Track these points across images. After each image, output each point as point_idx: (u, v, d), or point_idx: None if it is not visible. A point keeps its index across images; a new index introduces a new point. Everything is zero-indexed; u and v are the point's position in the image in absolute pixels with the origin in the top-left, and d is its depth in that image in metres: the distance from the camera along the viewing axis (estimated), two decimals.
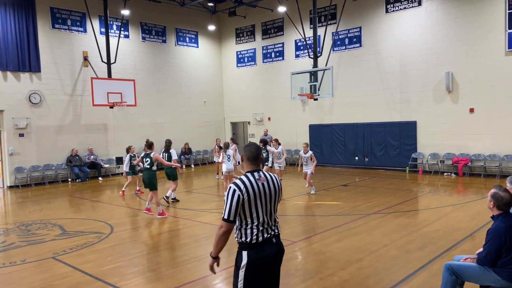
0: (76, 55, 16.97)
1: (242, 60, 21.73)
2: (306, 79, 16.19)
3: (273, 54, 20.37)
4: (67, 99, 16.72)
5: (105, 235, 8.16)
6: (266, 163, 12.82)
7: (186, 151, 20.33)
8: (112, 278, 5.78)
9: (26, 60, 15.45)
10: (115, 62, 17.05)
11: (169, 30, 20.28)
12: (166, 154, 11.10)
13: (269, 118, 20.74)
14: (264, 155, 12.52)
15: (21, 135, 15.50)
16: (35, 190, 14.87)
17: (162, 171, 12.72)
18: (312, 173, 11.79)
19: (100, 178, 16.88)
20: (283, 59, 19.95)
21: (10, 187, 15.33)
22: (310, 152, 11.85)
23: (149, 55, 19.49)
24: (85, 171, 16.64)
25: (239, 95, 21.94)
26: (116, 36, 17.62)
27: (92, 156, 17.06)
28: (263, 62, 20.76)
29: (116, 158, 18.08)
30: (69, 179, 16.52)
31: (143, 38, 19.29)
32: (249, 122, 21.77)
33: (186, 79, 20.90)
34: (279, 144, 13.16)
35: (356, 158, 17.58)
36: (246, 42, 21.43)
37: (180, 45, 20.76)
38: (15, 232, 8.65)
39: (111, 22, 17.81)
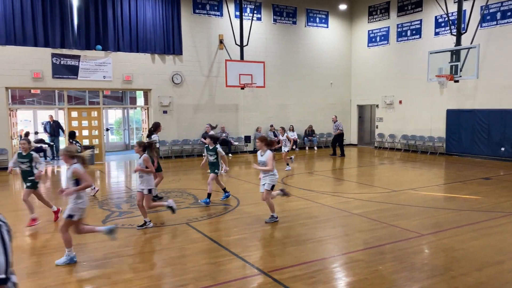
0: (213, 38, 18.13)
1: (373, 40, 20.68)
2: (446, 59, 14.70)
3: (408, 32, 18.91)
4: (204, 80, 18.05)
5: (232, 207, 8.68)
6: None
7: (309, 133, 20.37)
8: (236, 248, 6.12)
9: (171, 43, 17.07)
10: (247, 44, 17.77)
11: (299, 11, 20.28)
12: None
13: (400, 102, 19.48)
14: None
15: (165, 112, 17.31)
16: (175, 162, 16.54)
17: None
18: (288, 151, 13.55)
19: (230, 155, 17.99)
20: (420, 37, 18.39)
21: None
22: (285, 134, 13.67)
23: (279, 37, 19.82)
24: None
25: (368, 77, 21.02)
26: (249, 19, 18.28)
27: (224, 134, 18.24)
28: (397, 41, 19.44)
29: (245, 136, 19.03)
30: (203, 154, 17.94)
31: (274, 20, 19.66)
32: (377, 105, 20.76)
33: (313, 60, 20.77)
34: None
35: (503, 149, 15.45)
36: (379, 20, 20.28)
37: (310, 26, 20.63)
38: (156, 198, 9.75)
39: (245, 6, 18.53)
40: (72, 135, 10.87)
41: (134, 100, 22.03)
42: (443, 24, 17.24)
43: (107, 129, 19.71)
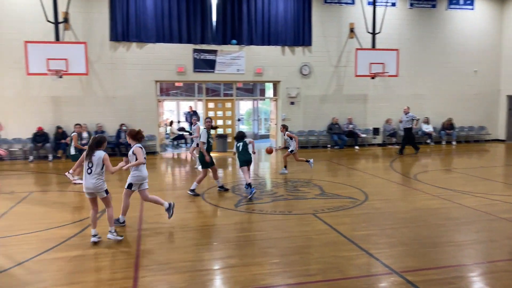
0: (343, 27, 17.71)
1: None
2: None
3: None
4: (332, 71, 17.80)
5: (360, 201, 8.44)
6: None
7: (448, 127, 18.60)
8: (365, 244, 5.94)
9: (301, 35, 17.20)
10: (379, 32, 16.95)
11: None
12: None
13: None
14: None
15: (292, 103, 17.59)
16: (300, 152, 16.70)
17: None
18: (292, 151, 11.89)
19: (356, 147, 17.52)
20: None
21: (281, 147, 17.74)
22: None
23: (416, 23, 18.43)
24: (343, 139, 17.57)
25: None
26: (383, 5, 17.37)
27: (350, 125, 17.81)
28: None
29: (374, 128, 18.29)
30: (329, 146, 17.81)
31: (411, 4, 18.32)
32: None
33: (454, 46, 18.83)
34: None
35: None
36: None
37: (451, 8, 18.73)
38: (284, 187, 10.01)
39: None
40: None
41: (263, 92, 22.86)
42: None
43: (239, 119, 20.85)
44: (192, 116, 18.86)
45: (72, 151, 10.62)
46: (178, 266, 5.26)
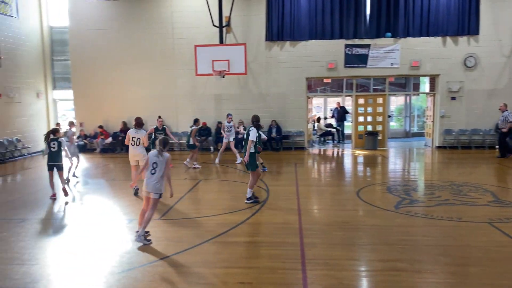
0: None
1: None
2: None
3: None
4: (503, 62, 15.63)
5: None
6: None
7: None
8: None
9: (466, 23, 15.50)
10: None
11: None
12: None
13: None
14: None
15: (453, 98, 15.99)
16: (461, 153, 15.16)
17: None
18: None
19: None
20: None
21: (438, 147, 16.33)
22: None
23: None
24: None
25: None
26: None
27: None
28: None
29: None
30: (496, 146, 15.72)
31: None
32: None
33: None
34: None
35: None
36: None
37: None
38: (448, 190, 9.16)
39: None
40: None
41: (417, 86, 21.34)
42: None
43: (389, 116, 19.89)
44: (339, 112, 18.71)
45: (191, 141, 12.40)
46: (344, 263, 5.25)
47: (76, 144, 11.76)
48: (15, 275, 5.03)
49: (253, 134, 8.03)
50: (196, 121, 12.61)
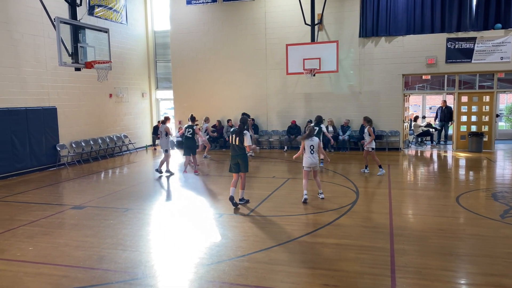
0: None
1: None
2: None
3: None
4: None
5: None
6: None
7: None
8: None
9: None
10: None
11: None
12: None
13: None
14: None
15: None
16: None
17: None
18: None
19: None
20: None
21: None
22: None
23: None
24: None
25: None
26: None
27: None
28: None
29: None
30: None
31: None
32: None
33: None
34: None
35: None
36: None
37: None
38: None
39: None
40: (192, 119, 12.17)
41: None
42: None
43: (497, 115, 18.02)
44: (443, 111, 17.28)
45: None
46: (438, 273, 4.89)
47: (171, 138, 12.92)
48: (119, 259, 5.55)
49: (248, 139, 7.80)
50: (206, 119, 15.36)
